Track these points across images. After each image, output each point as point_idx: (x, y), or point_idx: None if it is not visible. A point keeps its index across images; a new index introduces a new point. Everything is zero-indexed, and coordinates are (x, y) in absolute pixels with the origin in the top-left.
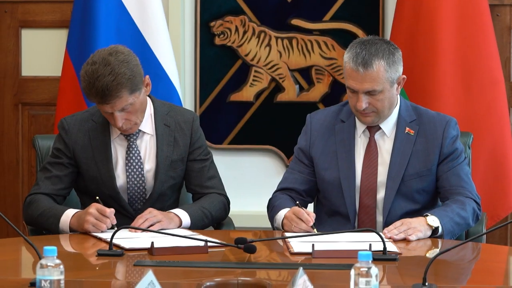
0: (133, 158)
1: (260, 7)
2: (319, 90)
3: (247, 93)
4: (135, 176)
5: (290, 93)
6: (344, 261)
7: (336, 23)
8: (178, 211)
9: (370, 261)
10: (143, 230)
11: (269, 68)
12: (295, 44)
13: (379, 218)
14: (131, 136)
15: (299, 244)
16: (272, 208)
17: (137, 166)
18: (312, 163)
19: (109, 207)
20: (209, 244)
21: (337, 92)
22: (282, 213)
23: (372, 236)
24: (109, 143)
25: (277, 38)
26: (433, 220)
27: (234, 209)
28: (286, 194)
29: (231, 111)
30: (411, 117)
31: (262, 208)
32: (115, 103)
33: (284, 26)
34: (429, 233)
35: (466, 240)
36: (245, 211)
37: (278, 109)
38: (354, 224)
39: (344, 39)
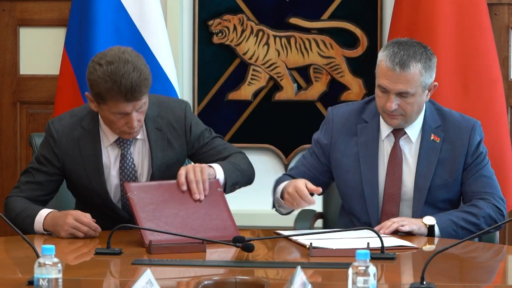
0: (127, 167)
1: (258, 6)
2: (317, 89)
3: (245, 91)
4: None
5: (288, 91)
6: (342, 259)
7: (334, 22)
8: (211, 165)
9: (368, 260)
10: (141, 228)
11: (267, 67)
12: (293, 43)
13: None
14: (125, 144)
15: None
16: (275, 184)
17: (131, 175)
18: (328, 163)
19: (103, 214)
20: (207, 242)
21: (335, 91)
22: (282, 186)
23: (370, 235)
24: (100, 153)
25: (275, 36)
26: (429, 219)
27: (232, 207)
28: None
29: (229, 110)
30: (436, 122)
31: (260, 206)
32: (140, 100)
33: (282, 24)
34: (424, 230)
35: (463, 240)
36: (243, 210)
37: (276, 107)
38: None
39: (342, 38)
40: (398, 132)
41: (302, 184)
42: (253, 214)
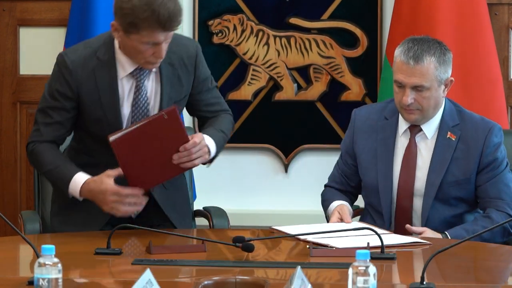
0: (141, 99)
1: (258, 6)
2: (317, 89)
3: (245, 91)
4: (140, 117)
5: (288, 92)
6: (342, 259)
7: (334, 22)
8: (209, 141)
9: (368, 260)
10: (142, 228)
11: (267, 67)
12: (293, 43)
13: (416, 222)
14: (140, 76)
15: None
16: (323, 202)
17: (143, 107)
18: (355, 163)
19: (108, 149)
20: (207, 242)
21: (335, 91)
22: (332, 207)
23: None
24: (115, 84)
25: (275, 36)
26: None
27: (232, 207)
28: (334, 188)
29: None
30: (454, 121)
31: (260, 206)
32: (173, 30)
33: (283, 24)
34: None
35: (463, 240)
36: (243, 210)
37: (276, 108)
38: (390, 226)
39: (342, 38)
40: (414, 128)
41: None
42: (252, 214)
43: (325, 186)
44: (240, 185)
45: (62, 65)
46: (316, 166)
